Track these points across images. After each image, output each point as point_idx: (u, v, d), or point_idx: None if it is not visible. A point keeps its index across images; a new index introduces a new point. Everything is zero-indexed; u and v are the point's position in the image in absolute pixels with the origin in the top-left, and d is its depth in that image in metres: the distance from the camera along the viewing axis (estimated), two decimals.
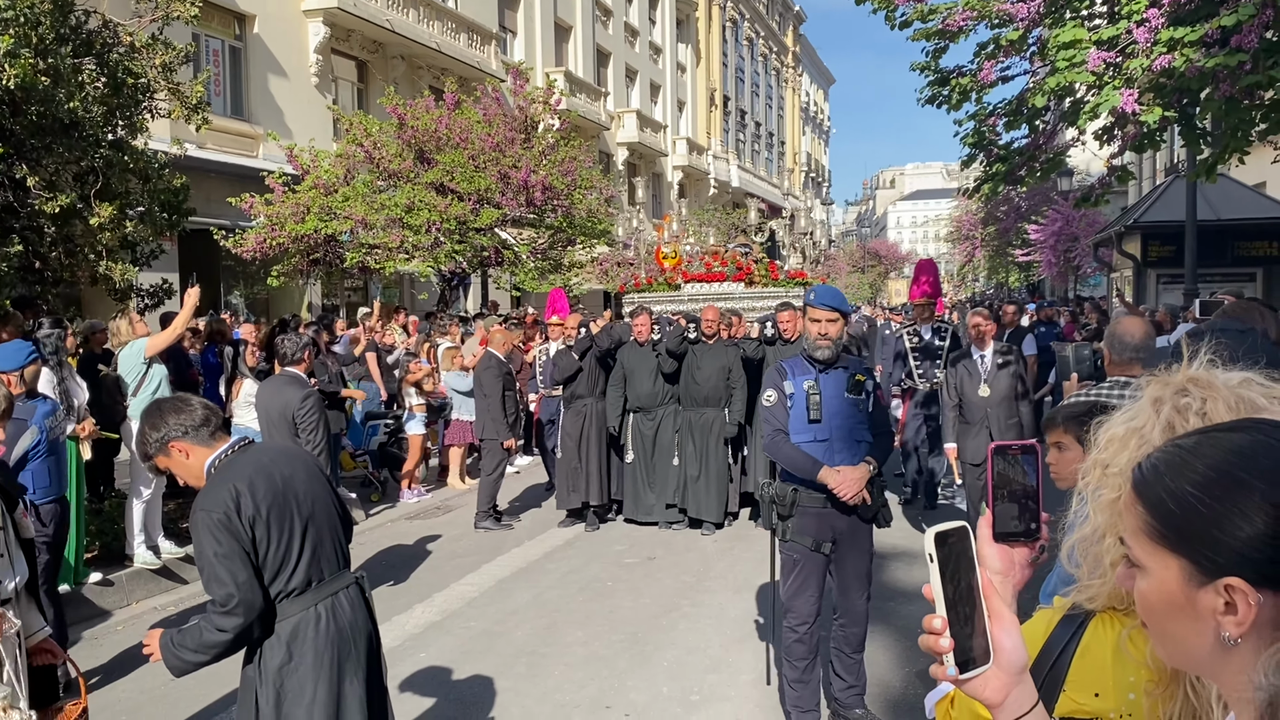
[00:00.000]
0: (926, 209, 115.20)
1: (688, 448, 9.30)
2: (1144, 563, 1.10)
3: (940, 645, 1.13)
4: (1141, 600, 1.12)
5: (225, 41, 18.37)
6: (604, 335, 9.62)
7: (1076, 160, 22.96)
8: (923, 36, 8.71)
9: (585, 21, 33.55)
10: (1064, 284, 34.56)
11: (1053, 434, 3.32)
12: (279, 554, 3.08)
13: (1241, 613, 1.01)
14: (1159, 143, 9.10)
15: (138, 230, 8.71)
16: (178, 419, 3.14)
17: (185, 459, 3.15)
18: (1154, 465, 1.11)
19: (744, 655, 6.01)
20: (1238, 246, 18.24)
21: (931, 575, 1.14)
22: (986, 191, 10.81)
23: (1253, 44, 6.74)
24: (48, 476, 5.78)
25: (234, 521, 2.98)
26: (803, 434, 4.74)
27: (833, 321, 4.73)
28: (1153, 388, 1.39)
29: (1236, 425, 1.12)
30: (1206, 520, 1.03)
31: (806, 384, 4.76)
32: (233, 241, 14.69)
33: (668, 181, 40.39)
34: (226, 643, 3.00)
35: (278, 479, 3.13)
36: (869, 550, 4.91)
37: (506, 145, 15.99)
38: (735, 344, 9.37)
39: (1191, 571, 1.05)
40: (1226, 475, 1.04)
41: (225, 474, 3.09)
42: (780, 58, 60.82)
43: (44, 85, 7.31)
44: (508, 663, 5.97)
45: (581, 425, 9.64)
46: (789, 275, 11.67)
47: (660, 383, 9.39)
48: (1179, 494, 1.06)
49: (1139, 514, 1.10)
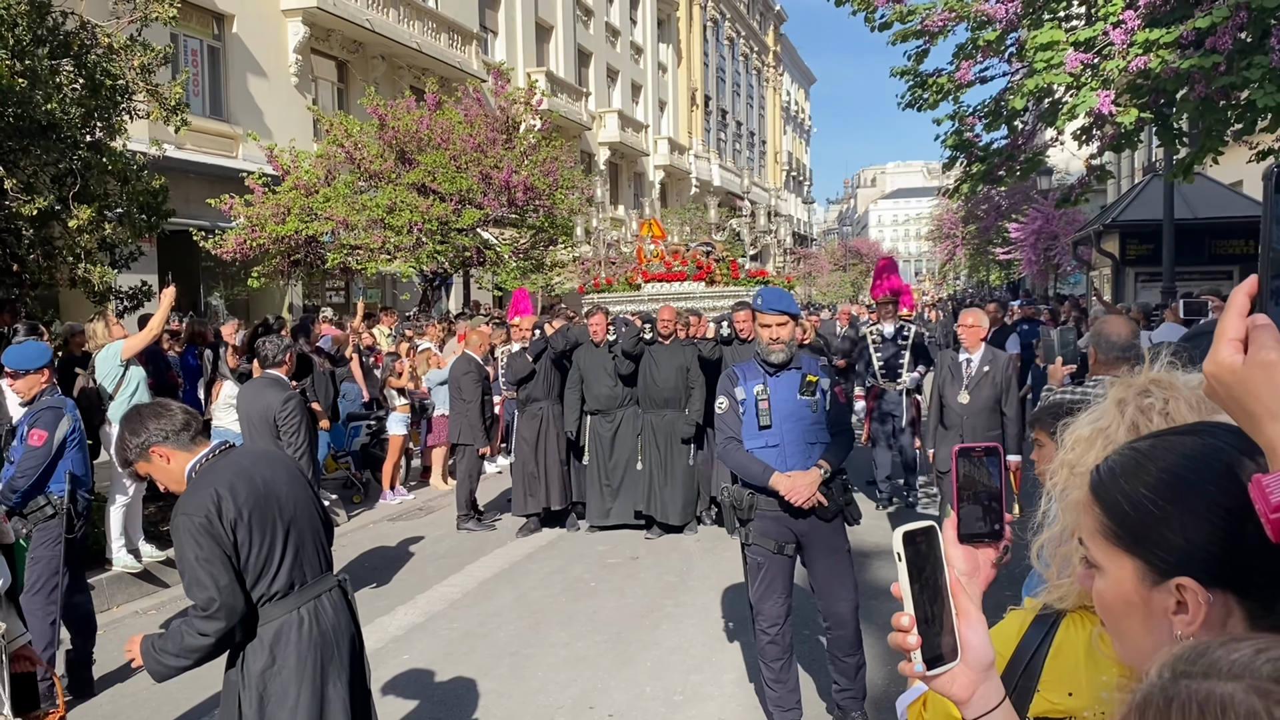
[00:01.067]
0: (908, 207, 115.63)
1: (651, 451, 9.11)
2: (1100, 563, 1.14)
3: (908, 642, 1.15)
4: (1099, 599, 1.16)
5: (204, 41, 18.26)
6: (559, 337, 9.38)
7: (1056, 159, 23.11)
8: (901, 38, 8.76)
9: (566, 22, 33.52)
10: (1044, 282, 34.77)
11: (1034, 432, 3.39)
12: (261, 557, 3.07)
13: (1192, 612, 1.04)
14: (1136, 143, 9.19)
15: (116, 232, 8.66)
16: (158, 424, 3.13)
17: (166, 464, 3.14)
18: (1110, 468, 1.14)
19: (727, 655, 6.04)
20: (1215, 245, 18.42)
21: (900, 574, 1.16)
22: (966, 191, 10.88)
23: (1227, 46, 6.81)
24: (83, 466, 5.77)
25: (215, 525, 2.97)
26: (754, 440, 4.71)
27: (782, 325, 4.68)
28: (1116, 389, 1.42)
29: (1191, 429, 1.15)
30: (1159, 521, 1.07)
31: (756, 389, 4.72)
32: (212, 243, 14.62)
33: (649, 181, 40.41)
34: (208, 647, 3.00)
35: (259, 482, 3.13)
36: (842, 549, 4.81)
37: (488, 146, 15.97)
38: (692, 343, 9.20)
39: (1145, 571, 1.08)
40: (1179, 478, 1.07)
41: (206, 478, 3.08)
42: (761, 57, 60.93)
43: (21, 87, 7.27)
44: (491, 663, 5.98)
45: (538, 429, 9.42)
46: (750, 274, 11.41)
47: (618, 384, 9.19)
48: (1133, 496, 1.09)
49: (1096, 515, 1.13)
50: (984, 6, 8.15)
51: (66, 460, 5.62)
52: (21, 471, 5.35)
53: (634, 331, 8.98)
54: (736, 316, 8.93)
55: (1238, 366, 0.99)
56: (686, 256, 11.31)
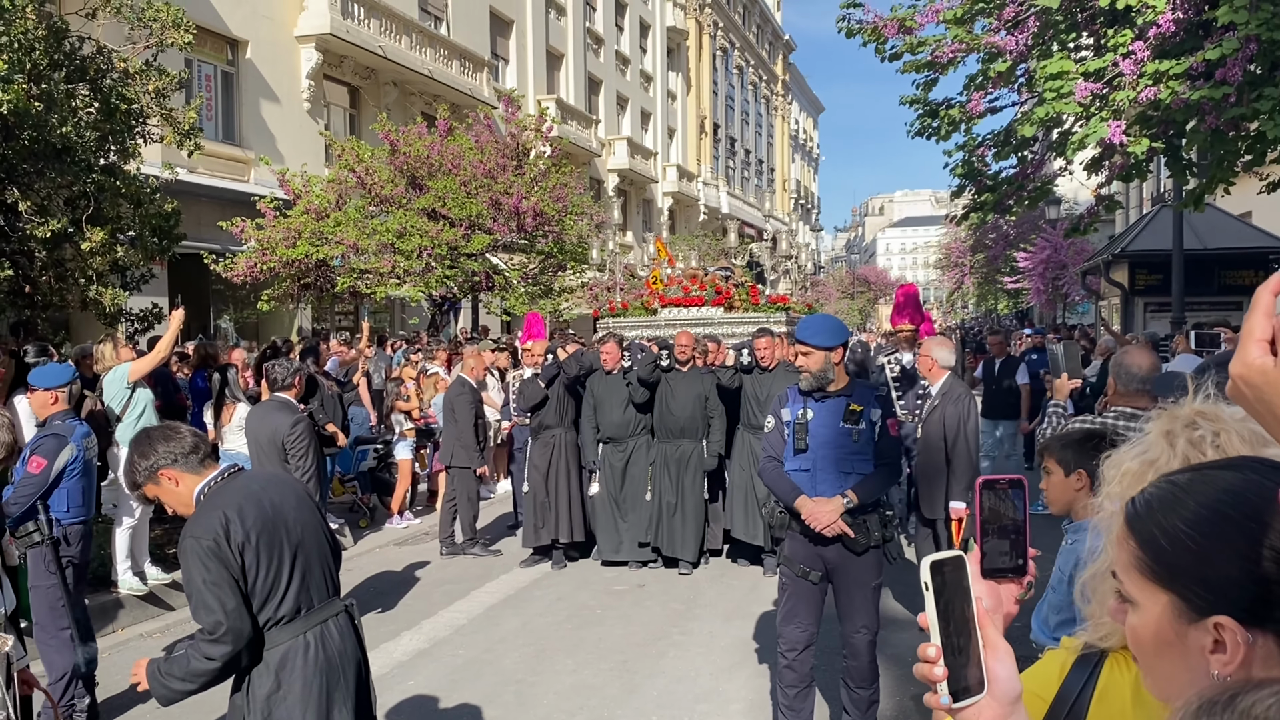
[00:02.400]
0: (915, 236, 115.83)
1: (663, 481, 8.76)
2: (1135, 598, 1.11)
3: (934, 674, 1.12)
4: (1132, 635, 1.13)
5: (218, 67, 18.43)
6: (572, 362, 9.04)
7: (1064, 189, 23.13)
8: (912, 69, 8.80)
9: (577, 50, 33.78)
10: (1052, 311, 34.73)
11: (1044, 459, 3.35)
12: (268, 581, 3.06)
13: (1230, 651, 1.01)
14: (1146, 173, 9.19)
15: (128, 255, 8.72)
16: (167, 447, 3.13)
17: (175, 486, 3.14)
18: (1147, 501, 1.11)
19: (734, 685, 5.99)
20: (1224, 275, 18.36)
21: (926, 604, 1.14)
22: (975, 220, 10.89)
23: (1237, 77, 6.82)
24: (80, 497, 5.77)
25: (223, 548, 2.96)
26: (790, 462, 4.76)
27: (806, 354, 4.70)
28: (1161, 421, 1.40)
29: (1230, 463, 1.12)
30: (1197, 558, 1.03)
31: (798, 412, 4.75)
32: (223, 266, 14.69)
33: (658, 208, 40.56)
34: (214, 671, 2.98)
35: (267, 506, 3.12)
36: (869, 584, 4.73)
37: (498, 172, 16.05)
38: (711, 371, 8.89)
39: (1181, 608, 1.05)
40: (1217, 513, 1.04)
41: (214, 501, 3.08)
42: (770, 86, 61.27)
43: (37, 110, 7.34)
44: (496, 691, 5.93)
45: (550, 457, 9.10)
46: (770, 300, 11.18)
47: (631, 412, 8.89)
48: (1170, 530, 1.06)
49: (1131, 549, 1.10)
50: (994, 39, 8.19)
51: (64, 489, 5.60)
52: (15, 498, 5.31)
53: (650, 358, 8.72)
54: (758, 343, 8.62)
55: (1268, 368, 0.96)
56: (705, 281, 11.06)
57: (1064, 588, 3.31)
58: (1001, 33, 8.16)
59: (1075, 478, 3.24)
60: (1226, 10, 6.74)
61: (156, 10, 8.96)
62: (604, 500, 8.95)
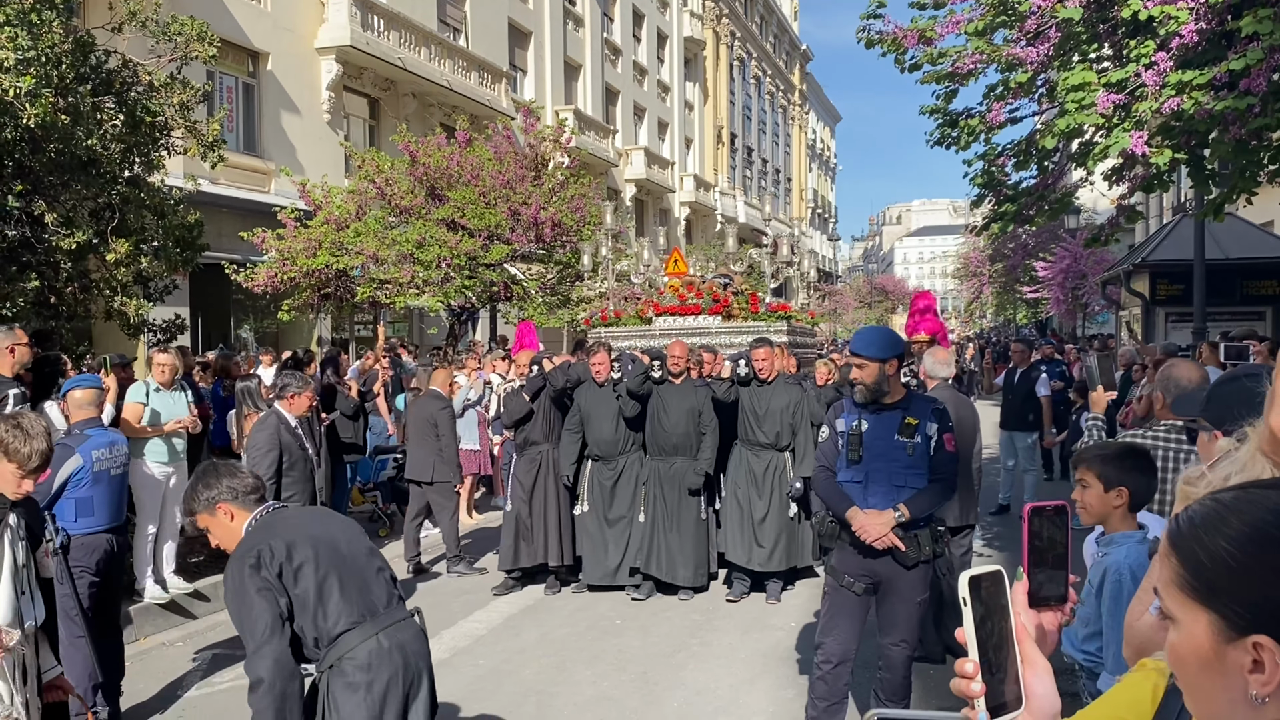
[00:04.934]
0: (933, 245, 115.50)
1: (657, 503, 8.20)
2: (1175, 615, 1.10)
3: (972, 690, 1.12)
4: (1172, 652, 1.12)
5: (239, 79, 18.59)
6: (558, 374, 8.55)
7: (1084, 198, 23.02)
8: (932, 79, 8.78)
9: (594, 61, 33.90)
10: (1072, 321, 34.55)
11: (1080, 471, 3.33)
12: (317, 591, 3.16)
13: (1269, 672, 1.01)
14: (1168, 184, 9.14)
15: (152, 266, 8.78)
16: (230, 483, 3.30)
17: (229, 521, 3.29)
18: (1190, 519, 1.11)
19: (754, 696, 5.97)
20: (1246, 285, 18.24)
21: (965, 620, 1.13)
22: (996, 230, 10.84)
23: (1261, 88, 6.78)
24: (92, 507, 5.78)
25: (266, 567, 3.10)
26: (843, 473, 4.78)
27: (860, 367, 4.69)
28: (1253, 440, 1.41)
29: (1276, 483, 1.12)
30: (1238, 576, 1.04)
31: (852, 423, 4.76)
32: (244, 276, 14.78)
33: (675, 218, 40.60)
34: (266, 691, 3.03)
35: (315, 528, 3.30)
36: (914, 599, 4.73)
37: (517, 182, 16.10)
38: (706, 384, 8.35)
39: (1221, 627, 1.05)
40: (1261, 533, 1.04)
41: (263, 528, 3.24)
42: (787, 95, 61.29)
43: (63, 123, 7.42)
44: (516, 702, 5.94)
45: (535, 474, 8.59)
46: (770, 308, 10.48)
47: (622, 428, 8.33)
48: (1213, 549, 1.06)
49: (1172, 566, 1.10)
50: (1015, 50, 8.16)
51: (70, 499, 5.62)
52: None
53: (640, 369, 8.20)
54: (755, 354, 8.07)
55: None
56: (702, 289, 10.44)
57: (1093, 600, 3.29)
58: (1022, 44, 8.14)
59: (1115, 494, 3.22)
60: (1250, 21, 6.70)
61: (181, 24, 9.05)
62: (591, 521, 8.43)
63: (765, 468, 8.17)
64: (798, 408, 8.11)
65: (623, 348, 9.42)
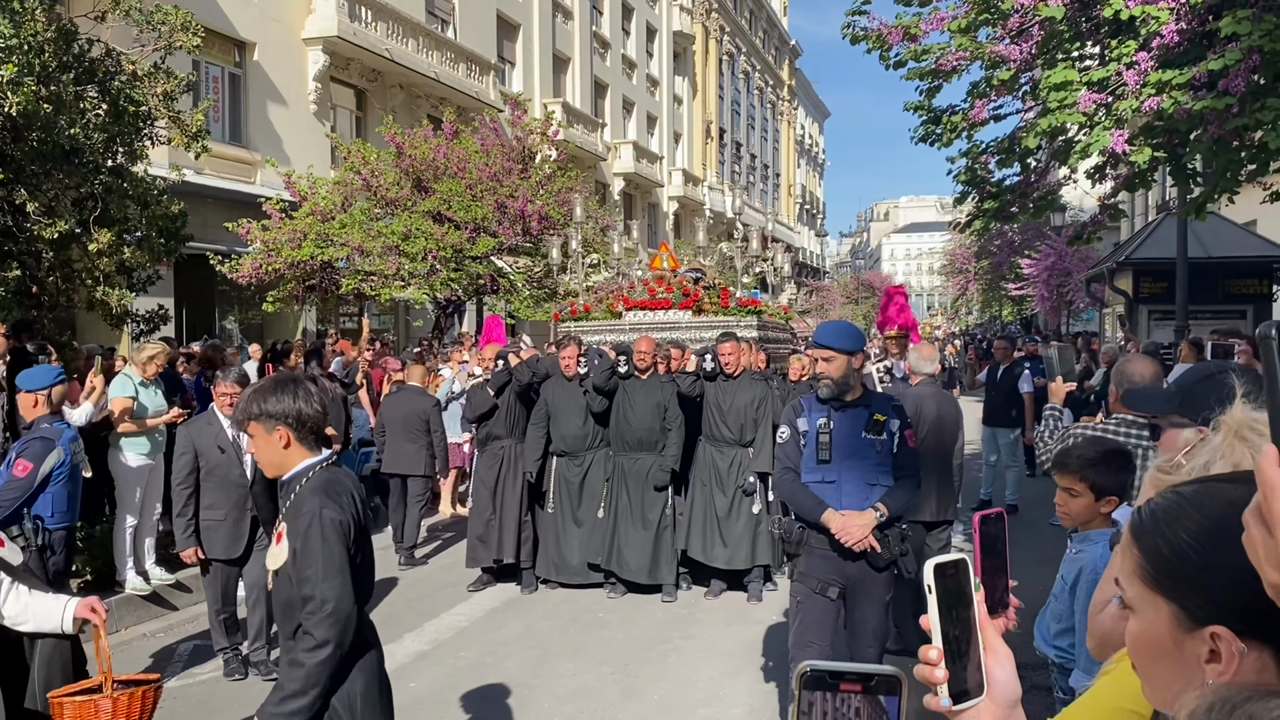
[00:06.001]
0: (920, 242, 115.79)
1: (620, 499, 8.10)
2: (1135, 605, 1.13)
3: (936, 676, 1.13)
4: (1131, 641, 1.15)
5: (225, 69, 18.49)
6: (523, 369, 8.40)
7: (1069, 196, 23.13)
8: (916, 76, 8.82)
9: (583, 54, 33.84)
10: (1057, 318, 34.71)
11: (1065, 478, 3.27)
12: (360, 575, 3.05)
13: (1225, 661, 1.03)
14: (1150, 182, 9.21)
15: (135, 256, 8.75)
16: (302, 408, 3.02)
17: (283, 447, 3.02)
18: (1152, 511, 1.14)
19: (735, 689, 6.01)
20: (1228, 284, 18.36)
21: (929, 607, 1.14)
22: (979, 227, 10.90)
23: (1240, 88, 6.85)
24: (66, 502, 5.77)
25: (346, 532, 2.94)
26: (812, 474, 4.57)
27: (828, 360, 4.49)
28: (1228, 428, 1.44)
29: (1235, 477, 1.15)
30: (1197, 568, 1.06)
31: (820, 421, 4.55)
32: (229, 267, 14.73)
33: (663, 212, 40.60)
34: (326, 661, 2.85)
35: (360, 504, 3.16)
36: (883, 599, 4.61)
37: (504, 175, 16.08)
38: (672, 379, 8.24)
39: (1180, 617, 1.07)
40: (1220, 526, 1.06)
41: (333, 486, 3.02)
42: (776, 91, 61.32)
43: (46, 112, 7.38)
44: (498, 694, 5.96)
45: (498, 470, 8.46)
46: (741, 303, 10.38)
47: (589, 423, 8.24)
48: (1173, 541, 1.09)
49: (1134, 557, 1.13)
50: (998, 48, 8.21)
51: (50, 494, 5.60)
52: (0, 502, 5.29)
53: (607, 364, 8.12)
54: (721, 349, 8.01)
55: None
56: (672, 283, 10.25)
57: (1066, 596, 3.30)
58: (1006, 42, 8.20)
59: (1106, 503, 3.21)
60: (1230, 21, 6.76)
61: (165, 13, 9.01)
62: (556, 518, 8.34)
63: (729, 464, 8.06)
64: (762, 403, 8.00)
65: (593, 342, 9.34)
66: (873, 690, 1.02)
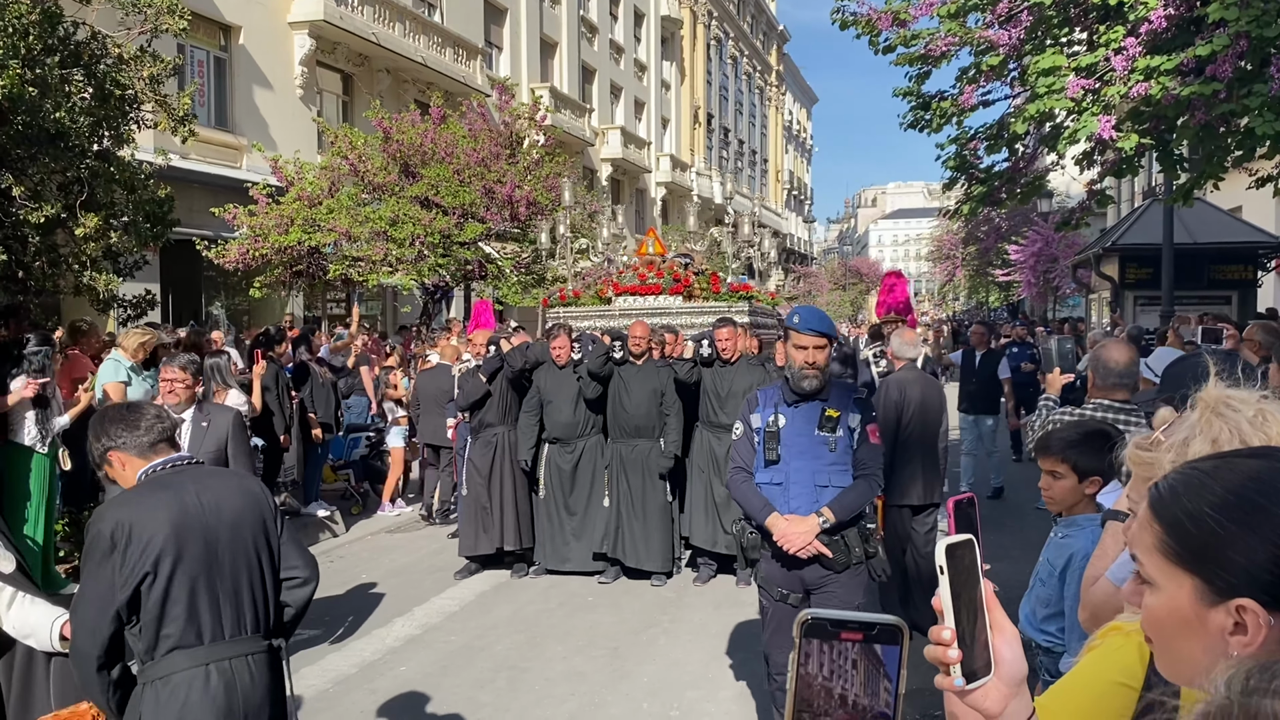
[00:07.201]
0: (908, 228, 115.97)
1: (620, 486, 8.05)
2: (1156, 580, 1.14)
3: (949, 656, 1.13)
4: (1149, 616, 1.15)
5: (210, 52, 18.36)
6: (516, 355, 8.32)
7: (1056, 182, 23.20)
8: (905, 61, 8.83)
9: (571, 38, 33.70)
10: (1043, 304, 34.86)
11: (1048, 461, 3.29)
12: (163, 594, 2.77)
13: (1251, 633, 1.04)
14: (1137, 168, 9.26)
15: (121, 241, 8.70)
16: (117, 428, 2.97)
17: (122, 470, 2.97)
18: (1171, 486, 1.15)
19: (724, 671, 6.05)
20: (1213, 270, 18.50)
21: (941, 587, 1.14)
22: (966, 212, 10.93)
23: (1226, 74, 6.88)
24: None
25: (114, 541, 2.75)
26: (761, 474, 4.33)
27: (820, 348, 4.19)
28: (1204, 405, 1.47)
29: (1255, 452, 1.17)
30: (1222, 541, 1.07)
31: (769, 418, 4.30)
32: (215, 252, 14.67)
33: (651, 198, 40.54)
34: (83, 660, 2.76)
35: (196, 513, 2.86)
36: (853, 604, 4.22)
37: (491, 160, 16.04)
38: (667, 364, 8.15)
39: (1204, 590, 1.08)
40: (1245, 499, 1.08)
41: (142, 492, 2.88)
42: (764, 76, 61.21)
43: (31, 95, 7.32)
44: (488, 677, 5.99)
45: (491, 458, 8.37)
46: (732, 288, 10.30)
47: (582, 410, 8.14)
48: (1197, 515, 1.10)
49: (1155, 531, 1.13)
50: (987, 33, 8.23)
51: None
52: None
53: (601, 349, 8.01)
54: (718, 334, 7.94)
55: None
56: (662, 268, 10.16)
57: (1054, 581, 3.29)
58: (995, 27, 8.21)
59: (1089, 483, 3.22)
60: (1217, 7, 6.79)
61: None
62: (550, 506, 8.30)
63: (728, 450, 7.96)
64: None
65: (582, 328, 9.28)
66: (873, 639, 1.01)
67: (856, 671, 1.03)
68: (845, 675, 1.02)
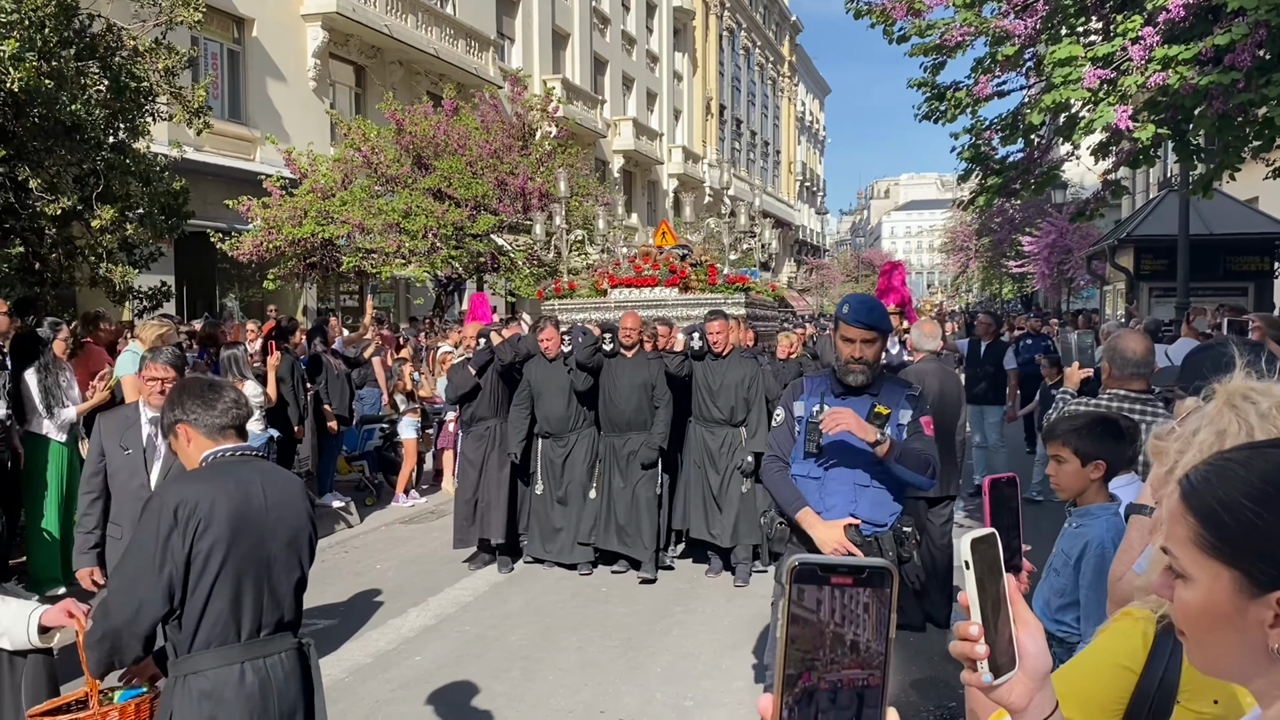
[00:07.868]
0: (921, 219, 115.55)
1: (613, 480, 7.99)
2: (1190, 573, 1.11)
3: (977, 651, 1.12)
4: (1182, 608, 1.13)
5: (224, 45, 18.41)
6: (505, 348, 8.23)
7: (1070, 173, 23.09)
8: (920, 52, 8.78)
9: (583, 29, 33.66)
10: (1057, 296, 34.72)
11: (1052, 446, 3.32)
12: (209, 585, 2.71)
13: None
14: (1153, 158, 9.19)
15: (137, 233, 8.76)
16: (194, 402, 2.92)
17: (186, 444, 2.93)
18: (1205, 477, 1.12)
19: (737, 662, 6.06)
20: (1229, 261, 18.38)
21: (966, 582, 1.13)
22: (981, 204, 10.87)
23: (1245, 63, 6.82)
24: None
25: (177, 518, 2.69)
26: (798, 466, 4.13)
27: (868, 342, 3.94)
28: (1221, 396, 1.46)
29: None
30: (1261, 532, 1.05)
31: (814, 408, 4.02)
32: (229, 244, 14.73)
33: (663, 190, 40.50)
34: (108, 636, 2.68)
35: (254, 505, 2.83)
36: None
37: (504, 152, 16.07)
38: (659, 356, 8.04)
39: (1243, 583, 1.06)
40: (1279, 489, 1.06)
41: (206, 474, 2.85)
42: (776, 67, 61.02)
43: (47, 88, 7.37)
44: (502, 667, 6.01)
45: (483, 451, 8.35)
46: (728, 280, 10.07)
47: (573, 404, 8.07)
48: (1233, 506, 1.07)
49: (1189, 524, 1.11)
50: (1003, 22, 8.17)
51: None
52: None
53: (590, 340, 7.90)
54: (709, 327, 7.81)
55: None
56: (659, 259, 9.98)
57: (1069, 571, 3.30)
58: (1010, 17, 8.16)
59: (1093, 467, 3.23)
60: None
61: None
62: (543, 499, 8.24)
63: (720, 444, 7.93)
64: (753, 382, 7.86)
65: (578, 320, 9.16)
66: (863, 583, 1.01)
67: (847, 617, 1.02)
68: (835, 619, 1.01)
